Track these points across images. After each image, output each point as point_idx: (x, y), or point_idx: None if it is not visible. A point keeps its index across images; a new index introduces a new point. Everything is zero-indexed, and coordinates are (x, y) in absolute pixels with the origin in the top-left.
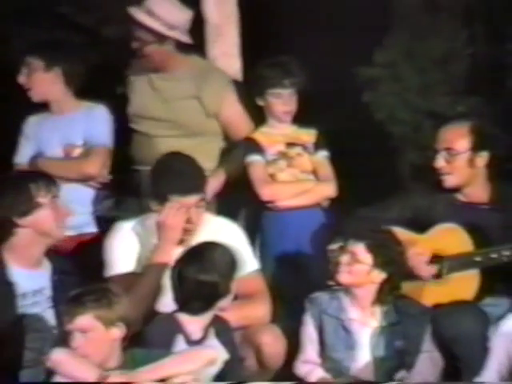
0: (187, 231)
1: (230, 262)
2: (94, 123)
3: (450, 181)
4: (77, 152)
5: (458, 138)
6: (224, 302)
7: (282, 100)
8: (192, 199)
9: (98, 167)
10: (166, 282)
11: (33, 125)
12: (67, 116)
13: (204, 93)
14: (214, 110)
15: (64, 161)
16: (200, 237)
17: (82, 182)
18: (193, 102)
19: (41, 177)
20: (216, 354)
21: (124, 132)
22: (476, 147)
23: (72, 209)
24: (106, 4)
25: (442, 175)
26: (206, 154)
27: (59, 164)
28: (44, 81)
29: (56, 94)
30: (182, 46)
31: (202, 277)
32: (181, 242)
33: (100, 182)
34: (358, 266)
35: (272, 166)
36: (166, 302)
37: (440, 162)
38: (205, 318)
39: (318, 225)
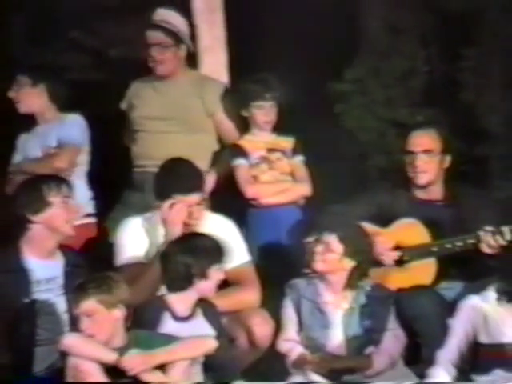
0: (189, 226)
1: (208, 250)
2: (66, 127)
3: (424, 178)
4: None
5: (434, 142)
6: (203, 286)
7: (264, 111)
8: (194, 198)
9: (67, 161)
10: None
11: (23, 140)
12: (47, 125)
13: (205, 93)
14: (212, 109)
15: (38, 159)
16: (199, 231)
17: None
18: (196, 100)
19: (52, 178)
20: (211, 344)
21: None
22: (444, 150)
23: (81, 206)
24: (110, 28)
25: (416, 173)
26: (204, 149)
27: (35, 163)
28: (30, 95)
29: (40, 107)
30: (187, 56)
31: (178, 257)
32: None
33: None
34: (331, 254)
35: (255, 168)
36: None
37: (419, 161)
38: (188, 298)
39: (295, 220)
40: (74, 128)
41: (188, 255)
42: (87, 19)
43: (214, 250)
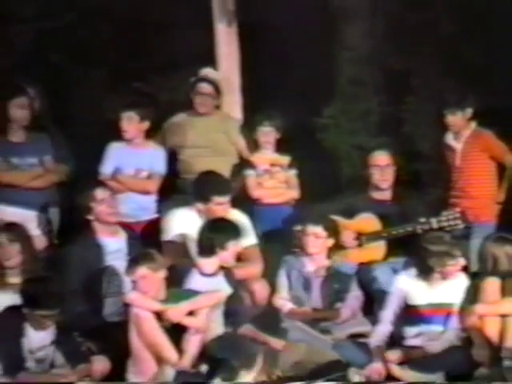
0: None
1: (227, 229)
2: (156, 159)
3: (385, 184)
4: (143, 174)
5: (389, 158)
6: (223, 255)
7: (264, 134)
8: (226, 198)
9: (155, 187)
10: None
11: (114, 148)
12: (140, 151)
13: (230, 129)
14: (234, 140)
15: (136, 179)
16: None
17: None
18: (221, 134)
19: (90, 187)
20: (224, 295)
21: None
22: (394, 165)
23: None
24: (161, 80)
25: (380, 181)
26: (227, 166)
27: (133, 180)
28: (137, 128)
29: (140, 136)
30: None
31: (205, 234)
32: None
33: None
34: (319, 240)
35: (260, 178)
36: None
37: (383, 172)
38: (212, 262)
39: (287, 215)
40: (161, 159)
41: (212, 232)
42: (146, 73)
43: (231, 230)
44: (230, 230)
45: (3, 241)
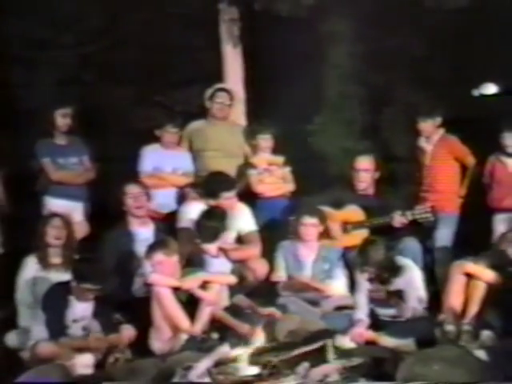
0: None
1: (226, 218)
2: (186, 160)
3: (362, 186)
4: (179, 172)
5: (370, 164)
6: (224, 239)
7: (263, 141)
8: (232, 193)
9: (189, 181)
10: None
11: (150, 150)
12: (174, 153)
13: (238, 134)
14: (241, 143)
15: (177, 175)
16: (232, 212)
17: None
18: (233, 138)
19: (127, 183)
20: (234, 279)
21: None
22: (376, 169)
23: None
24: (176, 93)
25: (357, 182)
26: (235, 166)
27: (174, 177)
28: (175, 137)
29: (176, 142)
30: None
31: (210, 223)
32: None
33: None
34: (315, 229)
35: (261, 175)
36: None
37: (359, 176)
38: (216, 245)
39: (284, 206)
40: (190, 160)
41: (214, 221)
42: (165, 89)
43: (227, 216)
44: (227, 216)
45: (50, 227)
